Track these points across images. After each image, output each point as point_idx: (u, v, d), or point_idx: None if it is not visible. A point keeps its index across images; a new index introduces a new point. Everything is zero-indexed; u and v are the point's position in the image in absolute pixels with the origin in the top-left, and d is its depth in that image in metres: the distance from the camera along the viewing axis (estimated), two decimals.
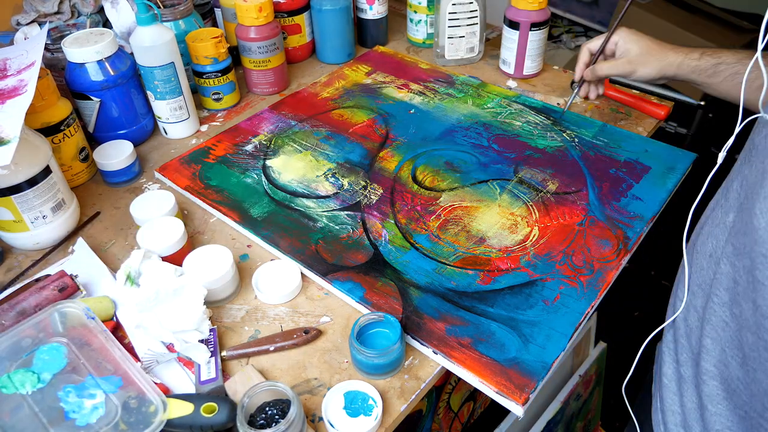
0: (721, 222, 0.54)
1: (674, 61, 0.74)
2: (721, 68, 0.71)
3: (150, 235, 0.68)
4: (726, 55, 0.71)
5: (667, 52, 0.75)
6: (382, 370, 0.57)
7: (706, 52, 0.72)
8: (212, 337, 0.61)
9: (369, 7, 1.10)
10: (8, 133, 0.62)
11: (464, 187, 0.79)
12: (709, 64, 0.72)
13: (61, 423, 0.50)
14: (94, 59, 0.81)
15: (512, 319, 0.62)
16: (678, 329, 0.60)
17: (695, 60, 0.73)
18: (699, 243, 0.58)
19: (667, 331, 0.64)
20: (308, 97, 0.99)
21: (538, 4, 0.94)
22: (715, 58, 0.71)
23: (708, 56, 0.72)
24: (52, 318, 0.57)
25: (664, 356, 0.63)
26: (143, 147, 0.92)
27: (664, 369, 0.63)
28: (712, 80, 0.72)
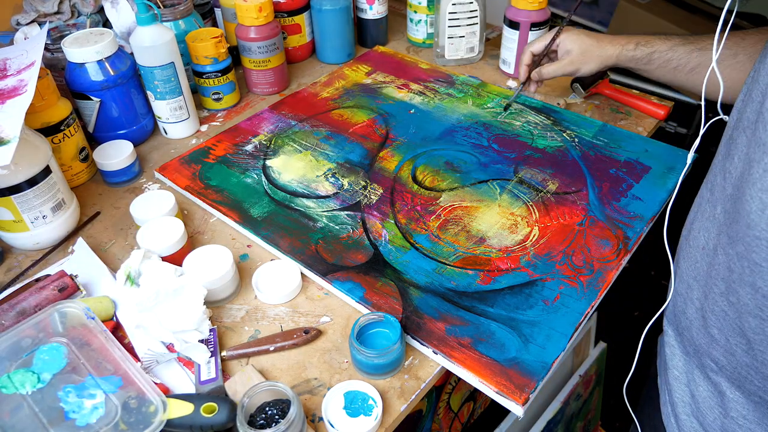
0: (710, 215, 0.55)
1: (612, 53, 0.80)
2: (654, 56, 0.77)
3: (150, 235, 0.68)
4: (658, 43, 0.77)
5: (605, 46, 0.80)
6: (382, 370, 0.57)
7: (641, 42, 0.78)
8: (212, 337, 0.61)
9: (369, 7, 1.10)
10: (8, 133, 0.62)
11: (464, 187, 0.79)
12: (643, 54, 0.78)
13: (61, 423, 0.50)
14: (94, 59, 0.81)
15: (512, 319, 0.62)
16: (679, 322, 0.61)
17: (631, 51, 0.79)
18: (691, 237, 0.59)
19: (669, 324, 0.64)
20: (308, 97, 0.99)
21: (538, 4, 0.94)
22: (649, 47, 0.77)
23: (642, 46, 0.78)
24: (52, 318, 0.57)
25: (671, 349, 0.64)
26: (143, 147, 0.92)
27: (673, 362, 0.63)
28: (647, 67, 0.79)
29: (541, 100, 0.95)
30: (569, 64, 0.83)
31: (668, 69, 0.77)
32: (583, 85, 0.95)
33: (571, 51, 0.83)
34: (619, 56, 0.80)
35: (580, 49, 0.82)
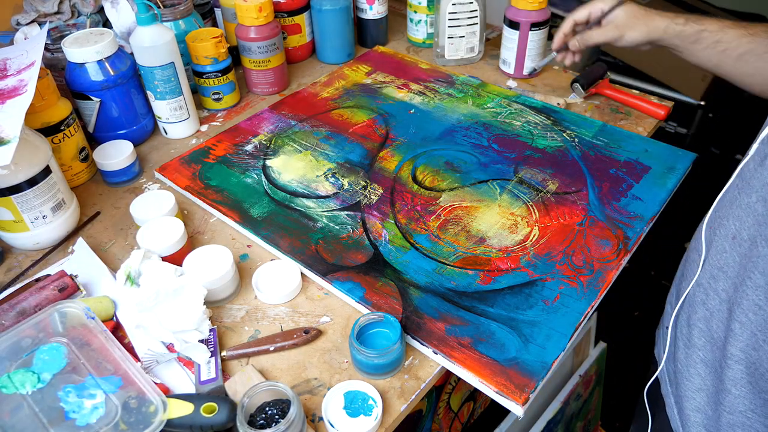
0: (744, 204, 0.53)
1: (660, 25, 0.76)
2: (704, 35, 0.73)
3: (150, 235, 0.68)
4: (709, 22, 0.73)
5: (653, 17, 0.77)
6: (382, 370, 0.57)
7: (691, 19, 0.74)
8: (212, 337, 0.61)
9: (369, 7, 1.10)
10: (8, 133, 0.62)
11: (464, 187, 0.79)
12: (693, 30, 0.73)
13: (61, 423, 0.50)
14: (94, 59, 0.81)
15: (512, 319, 0.62)
16: (694, 312, 0.60)
17: (680, 25, 0.74)
18: (719, 227, 0.57)
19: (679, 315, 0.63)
20: (308, 97, 0.99)
21: (538, 4, 0.94)
22: (699, 24, 0.73)
23: (693, 23, 0.74)
24: (52, 318, 0.57)
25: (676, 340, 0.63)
26: (143, 147, 0.92)
27: (678, 354, 0.62)
28: (695, 47, 0.74)
29: (541, 100, 0.95)
30: (614, 28, 0.79)
31: (716, 51, 0.72)
32: (583, 85, 0.95)
33: (618, 16, 0.79)
34: (666, 29, 0.75)
35: (626, 15, 0.78)
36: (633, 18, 0.78)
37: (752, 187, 0.53)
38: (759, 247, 0.51)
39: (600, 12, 0.82)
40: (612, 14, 0.81)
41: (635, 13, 0.78)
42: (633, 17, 0.78)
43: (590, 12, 0.82)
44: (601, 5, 0.82)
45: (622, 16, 0.79)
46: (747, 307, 0.52)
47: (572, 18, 0.84)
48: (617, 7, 0.80)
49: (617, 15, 0.80)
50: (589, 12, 0.82)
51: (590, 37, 0.83)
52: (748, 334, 0.53)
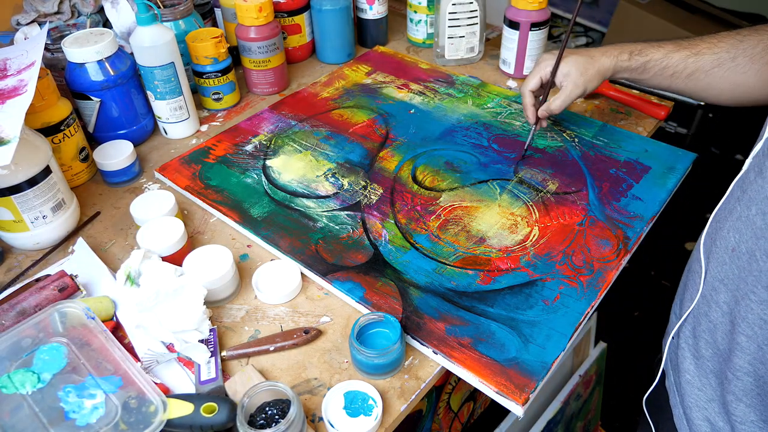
0: (743, 216, 0.53)
1: (608, 65, 0.77)
2: (649, 65, 0.75)
3: (150, 235, 0.68)
4: (652, 51, 0.74)
5: (599, 58, 0.77)
6: (382, 370, 0.57)
7: (634, 51, 0.75)
8: (212, 337, 0.61)
9: (369, 7, 1.10)
10: (8, 133, 0.62)
11: (464, 187, 0.79)
12: (638, 63, 0.75)
13: (61, 423, 0.50)
14: (94, 59, 0.81)
15: (512, 319, 0.62)
16: (698, 324, 0.60)
17: (625, 61, 0.76)
18: (719, 237, 0.57)
19: (684, 325, 0.63)
20: (308, 97, 0.99)
21: (538, 4, 0.94)
22: (643, 56, 0.75)
23: (636, 55, 0.75)
24: (52, 318, 0.57)
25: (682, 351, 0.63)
26: (143, 147, 0.92)
27: (685, 365, 0.62)
28: (643, 77, 0.76)
29: None
30: (575, 88, 0.77)
31: (665, 77, 0.75)
32: None
33: (570, 73, 0.77)
34: (615, 67, 0.77)
35: (578, 70, 0.77)
36: (584, 68, 0.77)
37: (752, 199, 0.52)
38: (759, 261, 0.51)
39: (548, 73, 0.80)
40: (561, 71, 0.78)
41: (582, 63, 0.77)
42: (583, 67, 0.77)
43: (540, 77, 0.80)
44: (544, 65, 0.80)
45: (574, 72, 0.77)
46: (752, 321, 0.52)
47: (527, 89, 0.81)
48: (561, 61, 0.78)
49: (568, 72, 0.78)
50: (539, 78, 0.80)
51: (556, 106, 0.79)
52: (754, 348, 0.53)
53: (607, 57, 0.76)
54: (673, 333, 0.65)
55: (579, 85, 0.77)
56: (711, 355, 0.59)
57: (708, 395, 0.60)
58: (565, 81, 0.78)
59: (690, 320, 0.62)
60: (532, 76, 0.80)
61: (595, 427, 1.35)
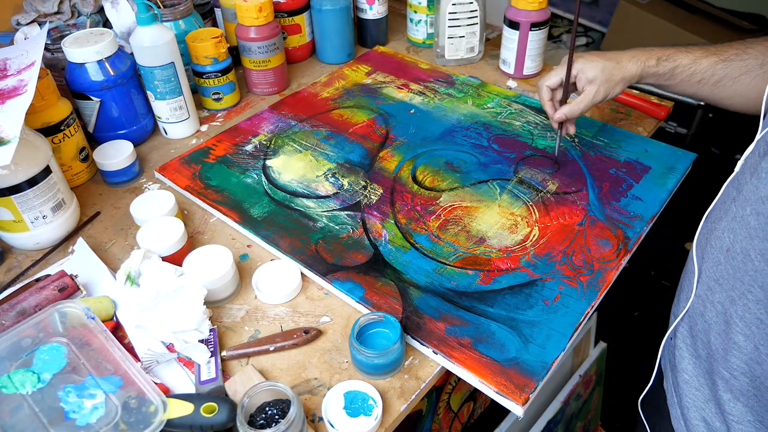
0: (738, 216, 0.53)
1: (635, 72, 0.74)
2: (677, 71, 0.73)
3: (150, 235, 0.68)
4: (680, 57, 0.73)
5: (626, 64, 0.74)
6: (382, 370, 0.57)
7: (662, 56, 0.73)
8: (212, 337, 0.61)
9: (369, 7, 1.10)
10: (8, 133, 0.62)
11: (464, 187, 0.79)
12: (666, 69, 0.73)
13: (61, 423, 0.50)
14: (94, 59, 0.81)
15: (512, 319, 0.62)
16: (695, 324, 0.60)
17: (653, 67, 0.74)
18: (713, 238, 0.57)
19: (681, 325, 0.63)
20: (308, 97, 0.99)
21: (538, 4, 0.94)
22: (671, 62, 0.73)
23: (664, 61, 0.73)
24: (52, 318, 0.57)
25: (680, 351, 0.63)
26: (143, 147, 0.92)
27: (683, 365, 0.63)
28: (670, 82, 0.74)
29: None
30: (597, 93, 0.75)
31: (692, 83, 0.73)
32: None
33: (595, 79, 0.74)
34: (642, 73, 0.74)
35: (603, 76, 0.74)
36: (611, 77, 0.74)
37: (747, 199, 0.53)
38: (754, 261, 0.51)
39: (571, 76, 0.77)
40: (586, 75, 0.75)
41: (610, 69, 0.75)
42: (609, 72, 0.74)
43: (561, 78, 0.77)
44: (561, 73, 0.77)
45: (600, 78, 0.75)
46: (750, 320, 0.52)
47: (545, 85, 0.78)
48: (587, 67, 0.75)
49: (595, 77, 0.75)
50: (560, 78, 0.77)
51: (578, 109, 0.76)
52: (751, 348, 0.53)
53: (634, 63, 0.74)
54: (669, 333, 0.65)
55: (600, 92, 0.75)
56: (707, 355, 0.59)
57: (705, 395, 0.60)
58: (589, 86, 0.75)
59: (686, 320, 0.62)
60: (555, 74, 0.77)
61: (595, 427, 1.35)
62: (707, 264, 0.58)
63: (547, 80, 0.78)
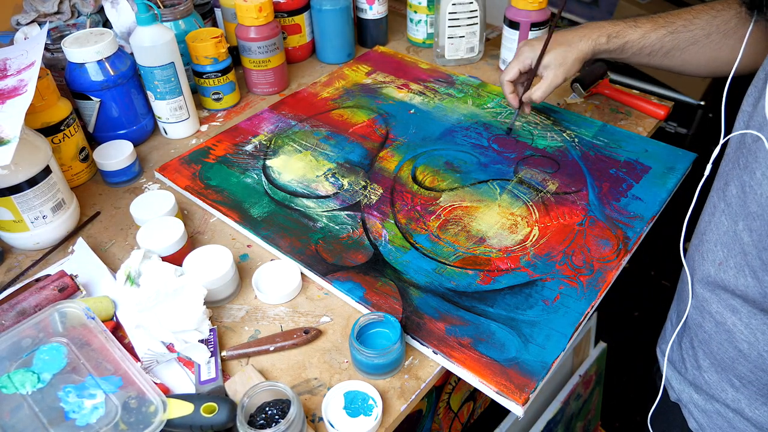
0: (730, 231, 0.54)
1: (587, 49, 0.77)
2: (627, 46, 0.76)
3: (150, 235, 0.68)
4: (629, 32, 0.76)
5: (578, 44, 0.77)
6: (382, 370, 0.57)
7: (612, 33, 0.76)
8: (212, 337, 0.61)
9: (369, 7, 1.10)
10: (8, 133, 0.62)
11: (464, 187, 0.79)
12: (616, 45, 0.76)
13: (61, 423, 0.50)
14: (94, 59, 0.81)
15: (512, 319, 0.62)
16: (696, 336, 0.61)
17: (603, 45, 0.77)
18: (705, 250, 0.58)
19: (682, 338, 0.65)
20: (308, 97, 0.99)
21: (538, 4, 0.94)
22: (621, 38, 0.76)
23: (614, 38, 0.76)
24: (52, 318, 0.57)
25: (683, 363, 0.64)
26: (143, 147, 0.92)
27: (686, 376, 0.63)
28: (622, 56, 0.78)
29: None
30: (555, 77, 0.78)
31: (642, 55, 0.76)
32: (583, 85, 0.95)
33: (550, 64, 0.78)
34: (594, 51, 0.77)
35: (557, 61, 0.77)
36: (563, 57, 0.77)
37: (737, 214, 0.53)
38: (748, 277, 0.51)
39: (527, 65, 0.80)
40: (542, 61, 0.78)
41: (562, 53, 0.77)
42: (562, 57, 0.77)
43: (518, 69, 0.80)
44: (524, 57, 0.80)
45: (553, 63, 0.77)
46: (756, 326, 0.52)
47: (506, 79, 0.82)
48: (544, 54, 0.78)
49: (548, 63, 0.78)
50: (517, 69, 0.80)
51: (537, 96, 0.79)
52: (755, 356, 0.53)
53: (585, 42, 0.77)
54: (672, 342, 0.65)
55: (559, 75, 0.78)
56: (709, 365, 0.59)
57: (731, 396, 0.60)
58: (546, 71, 0.78)
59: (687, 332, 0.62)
60: (512, 67, 0.81)
61: (595, 427, 1.35)
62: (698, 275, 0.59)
63: (507, 75, 0.82)
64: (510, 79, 0.82)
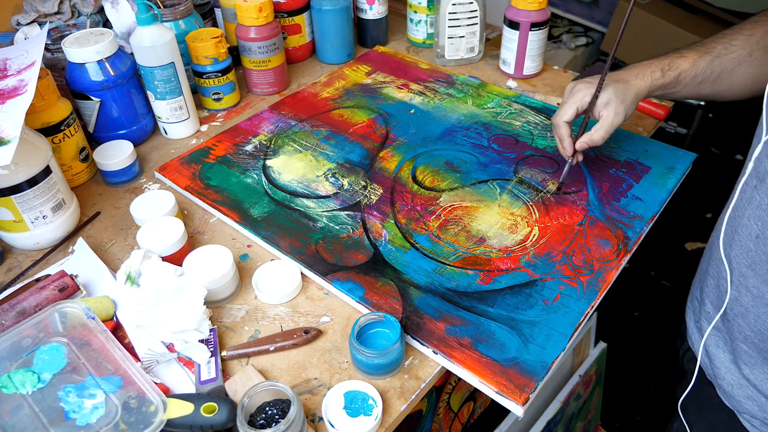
0: (763, 203, 0.55)
1: (644, 87, 0.73)
2: (681, 77, 0.73)
3: (150, 235, 0.68)
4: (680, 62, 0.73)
5: (634, 82, 0.73)
6: (382, 370, 0.57)
7: (664, 67, 0.73)
8: (212, 337, 0.61)
9: (369, 7, 1.10)
10: (8, 133, 0.62)
11: (464, 187, 0.79)
12: (671, 78, 0.73)
13: (61, 423, 0.50)
14: (94, 59, 0.81)
15: (512, 319, 0.62)
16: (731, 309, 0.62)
17: (659, 79, 0.73)
18: (740, 226, 0.59)
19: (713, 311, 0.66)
20: (308, 97, 0.99)
21: (538, 4, 0.94)
22: (674, 70, 0.73)
23: (668, 71, 0.73)
24: (52, 318, 0.57)
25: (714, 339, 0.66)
26: (143, 147, 0.92)
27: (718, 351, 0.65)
28: (676, 89, 0.74)
29: (541, 100, 0.95)
30: (616, 116, 0.72)
31: (694, 85, 0.74)
32: None
33: (610, 102, 0.72)
34: (650, 87, 0.73)
35: (618, 98, 0.72)
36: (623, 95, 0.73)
37: None
38: None
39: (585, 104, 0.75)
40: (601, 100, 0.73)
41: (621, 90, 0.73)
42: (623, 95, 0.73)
43: (576, 108, 0.75)
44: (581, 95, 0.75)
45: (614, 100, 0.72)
46: None
47: (563, 120, 0.75)
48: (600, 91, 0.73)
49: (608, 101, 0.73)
50: (575, 108, 0.75)
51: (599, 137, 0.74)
52: None
53: (641, 80, 0.73)
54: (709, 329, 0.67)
55: (620, 113, 0.72)
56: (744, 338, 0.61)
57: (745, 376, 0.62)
58: (605, 110, 0.73)
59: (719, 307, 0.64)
60: (569, 106, 0.74)
61: (595, 427, 1.35)
62: (736, 251, 0.60)
63: (564, 116, 0.75)
64: (567, 120, 0.75)
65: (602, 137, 0.73)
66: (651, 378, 1.43)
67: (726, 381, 0.65)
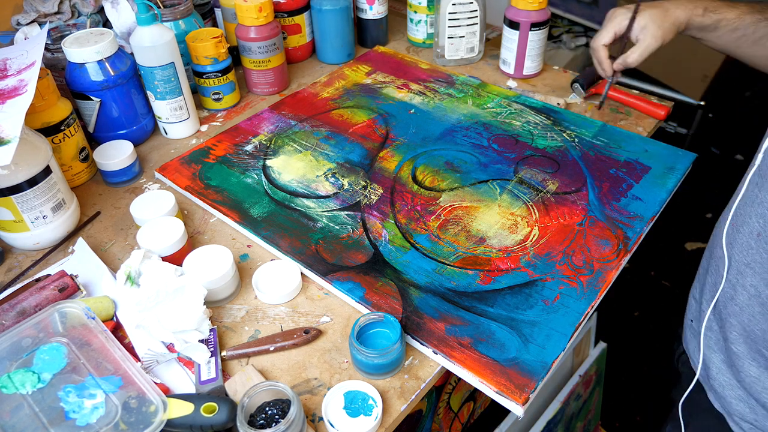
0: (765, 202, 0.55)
1: (683, 18, 0.75)
2: (722, 23, 0.74)
3: (150, 235, 0.68)
4: (725, 10, 0.73)
5: (674, 11, 0.75)
6: (382, 370, 0.57)
7: (708, 8, 0.74)
8: (212, 337, 0.61)
9: (369, 7, 1.10)
10: (8, 133, 0.62)
11: (464, 187, 0.79)
12: (711, 21, 0.74)
13: (61, 423, 0.50)
14: (94, 59, 0.81)
15: (512, 319, 0.62)
16: (725, 308, 0.62)
17: (699, 17, 0.74)
18: (742, 224, 0.59)
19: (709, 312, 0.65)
20: (308, 97, 0.99)
21: (538, 4, 0.94)
22: (717, 14, 0.73)
23: (711, 12, 0.74)
24: (52, 318, 0.57)
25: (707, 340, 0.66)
26: (143, 147, 0.92)
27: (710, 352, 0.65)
28: (713, 34, 0.75)
29: (541, 100, 0.95)
30: (653, 40, 0.75)
31: (734, 37, 0.74)
32: (583, 85, 0.95)
33: (647, 26, 0.75)
34: (688, 21, 0.74)
35: (655, 23, 0.74)
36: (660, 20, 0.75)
37: None
38: None
39: (623, 27, 0.79)
40: (638, 24, 0.77)
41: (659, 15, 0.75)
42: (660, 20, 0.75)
43: (615, 31, 0.79)
44: (620, 20, 0.79)
45: (651, 25, 0.75)
46: None
47: (601, 44, 0.81)
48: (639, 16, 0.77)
49: (645, 25, 0.76)
50: (613, 32, 0.80)
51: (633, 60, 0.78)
52: None
53: (681, 10, 0.74)
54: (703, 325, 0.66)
55: (657, 37, 0.75)
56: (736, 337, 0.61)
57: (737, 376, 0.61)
58: (642, 34, 0.76)
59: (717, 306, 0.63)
60: (607, 31, 0.79)
61: (595, 427, 1.35)
62: (737, 249, 0.60)
63: (602, 39, 0.80)
64: (605, 43, 0.80)
65: (636, 60, 0.77)
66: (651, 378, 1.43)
67: (717, 382, 0.65)
